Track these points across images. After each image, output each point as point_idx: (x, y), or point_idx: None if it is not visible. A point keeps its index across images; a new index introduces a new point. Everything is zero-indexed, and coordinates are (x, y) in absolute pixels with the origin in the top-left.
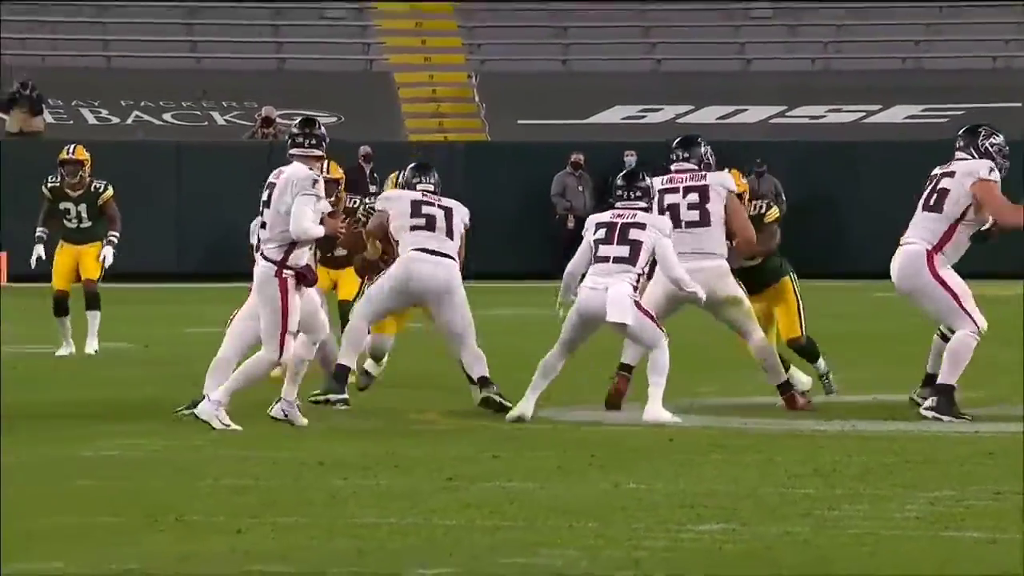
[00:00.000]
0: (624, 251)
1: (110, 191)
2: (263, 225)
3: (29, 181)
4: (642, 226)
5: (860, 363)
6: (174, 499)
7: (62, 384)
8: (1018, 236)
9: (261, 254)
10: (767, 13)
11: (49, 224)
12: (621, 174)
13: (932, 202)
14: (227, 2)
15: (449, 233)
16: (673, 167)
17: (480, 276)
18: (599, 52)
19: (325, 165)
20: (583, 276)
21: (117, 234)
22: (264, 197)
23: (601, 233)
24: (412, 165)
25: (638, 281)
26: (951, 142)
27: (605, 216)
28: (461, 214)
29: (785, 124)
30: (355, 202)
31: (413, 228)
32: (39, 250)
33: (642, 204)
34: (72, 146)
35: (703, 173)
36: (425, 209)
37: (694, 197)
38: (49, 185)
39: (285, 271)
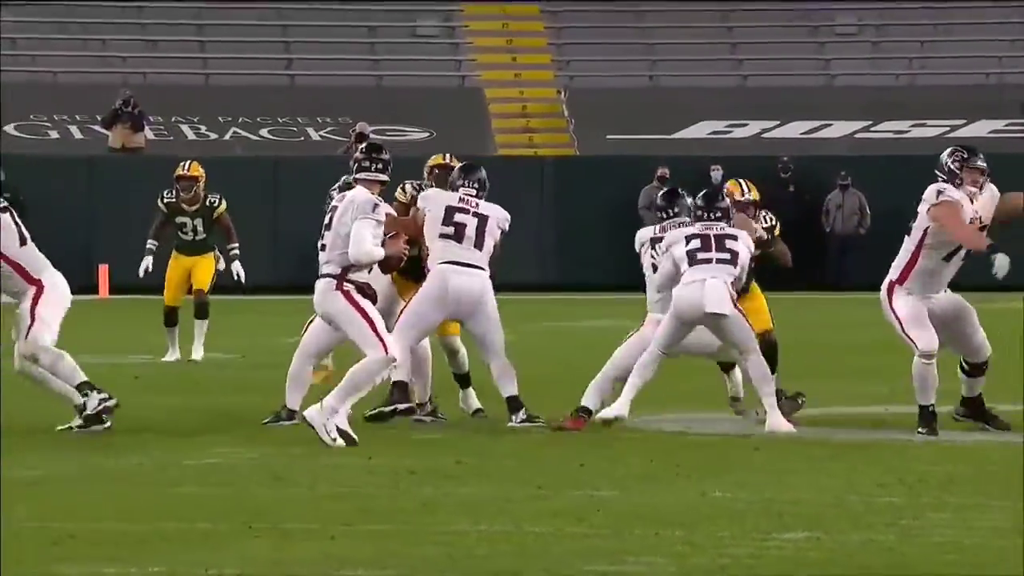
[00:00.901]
0: (726, 255)
1: (224, 204)
2: (323, 247)
3: (129, 195)
4: (735, 237)
5: (943, 376)
6: (271, 506)
7: (165, 392)
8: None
9: (320, 273)
10: (852, 30)
11: (159, 237)
12: (700, 194)
13: (909, 226)
14: (322, 21)
15: (479, 243)
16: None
17: (569, 288)
18: (685, 68)
19: None
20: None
21: (237, 245)
22: (326, 220)
23: (695, 243)
24: (459, 166)
25: (735, 283)
26: None
27: (692, 229)
28: (498, 219)
29: (869, 139)
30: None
31: (442, 236)
32: (148, 261)
33: (723, 224)
34: (188, 163)
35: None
36: (458, 216)
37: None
38: (165, 200)
39: (346, 284)
